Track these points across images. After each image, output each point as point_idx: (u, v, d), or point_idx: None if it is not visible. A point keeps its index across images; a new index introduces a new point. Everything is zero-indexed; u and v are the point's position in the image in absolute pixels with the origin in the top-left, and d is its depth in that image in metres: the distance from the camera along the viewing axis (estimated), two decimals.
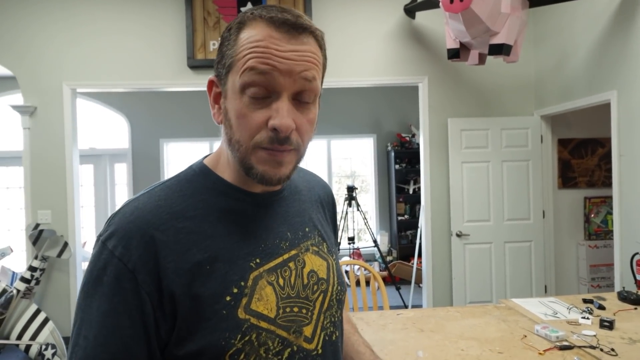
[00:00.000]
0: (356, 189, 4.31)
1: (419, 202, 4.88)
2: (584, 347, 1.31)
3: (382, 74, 3.50)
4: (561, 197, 3.63)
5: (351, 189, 4.25)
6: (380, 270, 5.35)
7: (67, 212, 3.29)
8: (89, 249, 4.80)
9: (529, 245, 3.50)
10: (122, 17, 3.34)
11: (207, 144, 5.64)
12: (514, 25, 2.48)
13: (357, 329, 0.90)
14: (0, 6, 3.25)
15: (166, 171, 5.53)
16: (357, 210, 4.28)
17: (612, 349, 1.29)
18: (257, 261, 0.61)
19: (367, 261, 5.46)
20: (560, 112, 3.30)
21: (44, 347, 3.00)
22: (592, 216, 3.63)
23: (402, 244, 5.57)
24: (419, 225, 3.91)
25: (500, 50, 2.49)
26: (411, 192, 5.54)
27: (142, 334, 0.54)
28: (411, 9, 3.38)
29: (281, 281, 0.62)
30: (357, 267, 4.64)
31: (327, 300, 0.68)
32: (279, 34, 0.56)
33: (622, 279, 2.62)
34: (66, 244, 3.22)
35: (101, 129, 5.54)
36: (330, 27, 3.41)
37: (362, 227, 5.53)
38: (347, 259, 4.87)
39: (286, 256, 0.65)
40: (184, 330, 0.55)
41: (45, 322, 3.08)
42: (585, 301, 1.74)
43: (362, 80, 3.51)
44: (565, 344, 1.33)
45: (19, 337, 3.01)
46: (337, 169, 6.06)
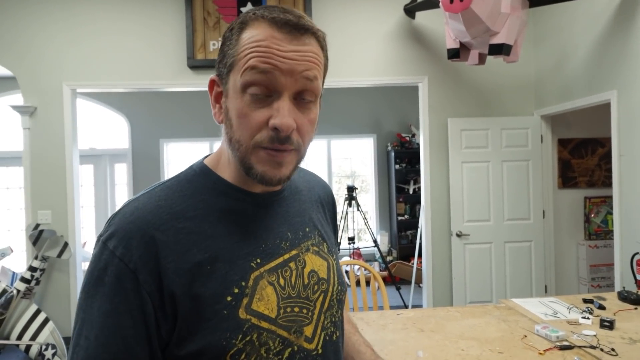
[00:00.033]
0: (356, 189, 4.31)
1: (419, 202, 4.88)
2: (584, 347, 1.31)
3: (382, 74, 3.50)
4: (561, 197, 3.63)
5: (351, 189, 4.25)
6: (380, 270, 5.35)
7: (67, 213, 3.29)
8: (89, 249, 4.80)
9: (529, 245, 3.50)
10: (122, 17, 3.34)
11: (207, 144, 5.64)
12: (514, 25, 2.48)
13: (357, 329, 0.90)
14: (0, 6, 3.25)
15: (166, 171, 5.53)
16: (357, 210, 4.28)
17: (613, 349, 1.29)
18: (258, 261, 0.61)
19: (367, 261, 5.46)
20: (560, 112, 3.30)
21: (44, 347, 3.00)
22: (592, 216, 3.63)
23: (402, 244, 5.57)
24: (419, 225, 3.91)
25: (500, 50, 2.49)
26: (411, 192, 5.54)
27: (143, 334, 0.54)
28: (411, 9, 3.39)
29: (282, 281, 0.62)
30: (357, 267, 4.64)
31: (327, 300, 0.68)
32: (281, 34, 0.56)
33: (622, 278, 2.62)
34: (66, 244, 3.22)
35: (101, 129, 5.54)
36: (330, 27, 3.41)
37: (362, 227, 5.53)
38: (347, 259, 4.87)
39: (287, 256, 0.65)
40: (185, 330, 0.55)
41: (45, 322, 3.08)
42: (585, 301, 1.74)
43: (362, 80, 3.51)
44: (565, 344, 1.33)
45: (19, 337, 3.01)
46: (337, 169, 6.06)
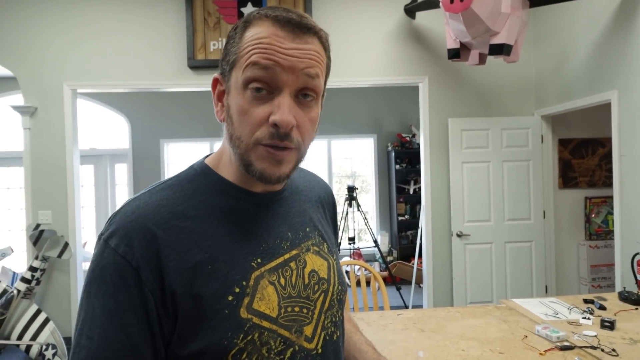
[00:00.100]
0: (356, 189, 4.31)
1: (419, 202, 4.88)
2: (585, 347, 1.31)
3: (382, 74, 3.50)
4: (562, 197, 3.63)
5: (351, 189, 4.25)
6: (380, 270, 5.35)
7: (68, 213, 3.30)
8: (89, 249, 4.80)
9: (530, 245, 3.50)
10: (123, 18, 3.34)
11: (207, 144, 5.64)
12: (514, 25, 2.48)
13: (358, 328, 0.90)
14: (1, 7, 3.26)
15: (166, 171, 5.53)
16: (358, 210, 4.28)
17: (613, 350, 1.29)
18: (258, 261, 0.61)
19: (367, 261, 5.46)
20: (560, 112, 3.30)
21: (44, 347, 3.00)
22: (593, 216, 3.63)
23: (403, 244, 5.56)
24: (420, 225, 3.91)
25: (500, 50, 2.49)
26: (411, 192, 5.54)
27: (147, 331, 0.53)
28: (411, 9, 3.39)
29: (282, 281, 0.62)
30: (357, 267, 4.63)
31: (328, 300, 0.68)
32: (283, 32, 0.57)
33: (623, 279, 2.62)
34: (67, 245, 3.22)
35: (102, 129, 5.54)
36: (330, 27, 3.41)
37: (362, 227, 5.53)
38: (348, 259, 4.87)
39: (287, 256, 0.65)
40: (186, 330, 0.55)
41: (45, 322, 3.08)
42: (586, 301, 1.74)
43: (363, 80, 3.51)
44: (566, 344, 1.33)
45: (20, 337, 3.01)
46: (338, 169, 6.06)
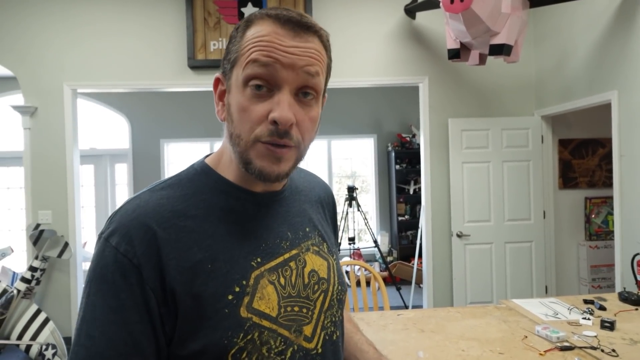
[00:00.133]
0: (356, 189, 4.31)
1: (419, 202, 4.88)
2: (585, 347, 1.31)
3: (382, 74, 3.50)
4: (562, 198, 3.62)
5: (351, 189, 4.25)
6: (380, 270, 5.35)
7: (68, 213, 3.30)
8: (89, 249, 4.80)
9: (530, 245, 3.50)
10: (123, 18, 3.34)
11: (207, 144, 5.65)
12: (514, 25, 2.48)
13: (359, 328, 0.90)
14: (1, 7, 3.26)
15: (167, 171, 5.53)
16: (358, 210, 4.28)
17: (613, 350, 1.29)
18: (258, 260, 0.61)
19: (367, 261, 5.46)
20: (560, 112, 3.30)
21: (44, 347, 3.00)
22: (593, 216, 3.63)
23: (403, 245, 5.56)
24: (420, 225, 3.91)
25: (500, 50, 2.49)
26: (411, 192, 5.54)
27: (150, 329, 0.53)
28: (412, 9, 3.38)
29: (282, 280, 0.62)
30: (357, 267, 4.63)
31: (327, 299, 0.68)
32: (283, 30, 0.57)
33: (623, 279, 2.62)
34: (67, 244, 3.22)
35: (102, 129, 5.54)
36: (330, 27, 3.41)
37: (362, 227, 5.53)
38: (348, 259, 4.87)
39: (287, 255, 0.65)
40: (186, 329, 0.55)
41: (45, 322, 3.08)
42: (586, 302, 1.74)
43: (363, 80, 3.51)
44: (566, 344, 1.33)
45: (20, 337, 3.01)
46: (338, 169, 6.06)
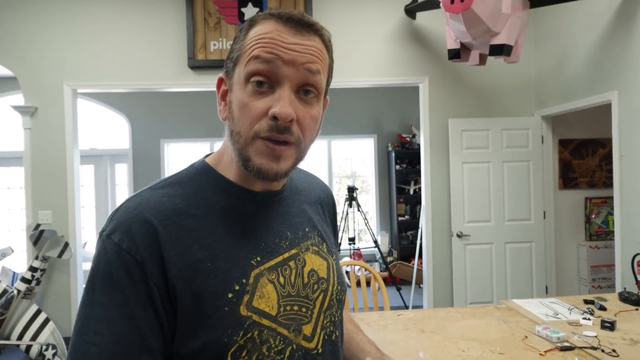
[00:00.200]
0: (357, 189, 4.31)
1: (419, 202, 4.88)
2: (585, 348, 1.31)
3: (382, 74, 3.50)
4: (562, 198, 3.62)
5: (352, 190, 4.25)
6: (380, 270, 5.35)
7: (68, 213, 3.30)
8: (89, 249, 4.80)
9: (530, 245, 3.50)
10: (123, 18, 3.34)
11: (207, 144, 5.65)
12: (514, 25, 2.48)
13: (360, 329, 0.90)
14: (1, 7, 3.26)
15: (167, 172, 5.53)
16: (358, 210, 4.28)
17: (614, 350, 1.28)
18: (258, 259, 0.61)
19: (367, 262, 5.46)
20: (560, 113, 3.30)
21: (44, 347, 2.99)
22: (593, 217, 3.63)
23: (403, 245, 5.56)
24: (420, 225, 3.91)
25: (500, 50, 2.49)
26: (412, 192, 5.54)
27: (156, 324, 0.54)
28: (412, 10, 3.39)
29: (282, 279, 0.62)
30: (357, 267, 4.63)
31: (327, 299, 0.68)
32: (285, 28, 0.58)
33: (623, 279, 2.62)
34: (67, 245, 3.22)
35: (102, 129, 5.55)
36: (331, 28, 3.40)
37: (362, 227, 5.53)
38: (348, 259, 4.87)
39: (286, 255, 0.65)
40: (186, 327, 0.55)
41: (45, 322, 3.08)
42: (586, 302, 1.74)
43: (363, 80, 3.51)
44: (566, 344, 1.33)
45: (20, 337, 3.01)
46: (338, 169, 6.06)
